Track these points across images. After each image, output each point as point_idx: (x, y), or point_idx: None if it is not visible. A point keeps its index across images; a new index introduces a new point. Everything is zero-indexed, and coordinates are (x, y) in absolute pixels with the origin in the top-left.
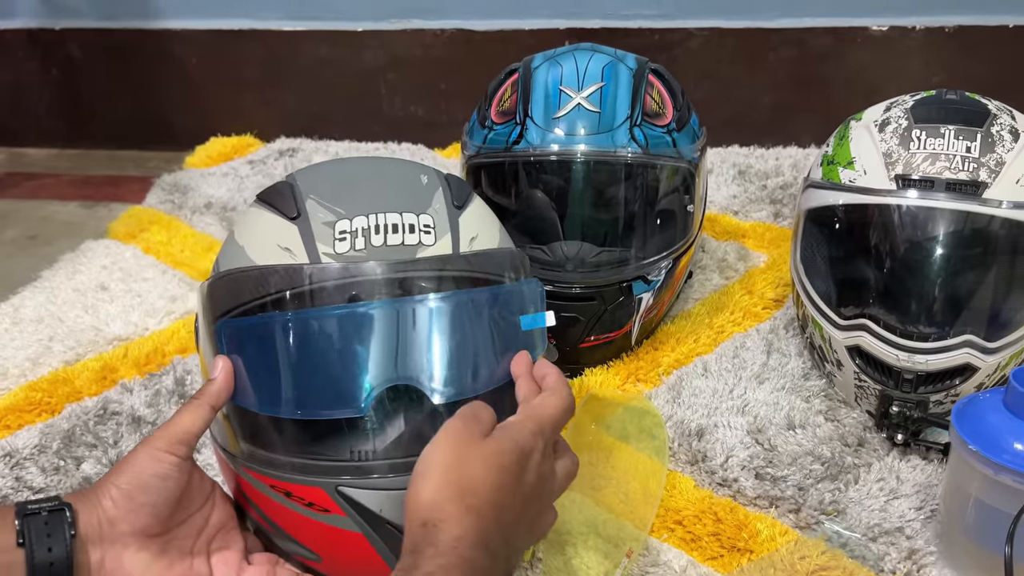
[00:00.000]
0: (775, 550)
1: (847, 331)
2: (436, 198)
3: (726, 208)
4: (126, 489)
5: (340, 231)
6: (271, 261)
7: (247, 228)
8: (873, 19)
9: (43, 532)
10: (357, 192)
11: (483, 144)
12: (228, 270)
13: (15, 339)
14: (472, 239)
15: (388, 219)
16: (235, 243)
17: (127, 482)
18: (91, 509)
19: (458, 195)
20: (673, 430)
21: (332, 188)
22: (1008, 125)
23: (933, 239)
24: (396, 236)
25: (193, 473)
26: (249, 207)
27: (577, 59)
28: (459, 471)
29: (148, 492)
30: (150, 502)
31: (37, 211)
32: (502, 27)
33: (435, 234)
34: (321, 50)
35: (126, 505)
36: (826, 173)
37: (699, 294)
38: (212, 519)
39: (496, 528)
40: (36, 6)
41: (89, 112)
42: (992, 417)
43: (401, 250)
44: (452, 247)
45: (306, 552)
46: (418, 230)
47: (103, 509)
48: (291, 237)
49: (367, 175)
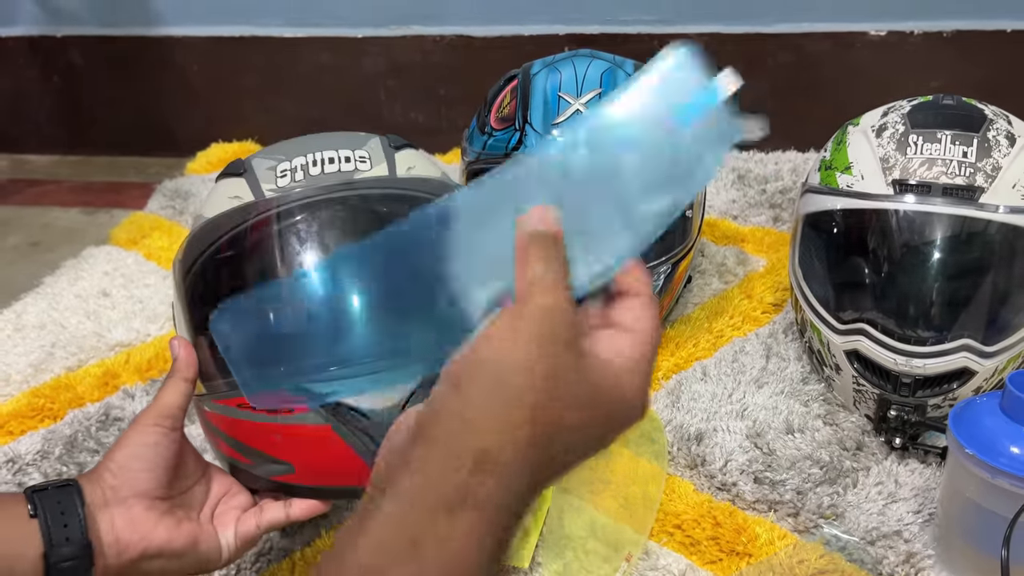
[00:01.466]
0: (774, 554)
1: (845, 335)
2: (372, 141)
3: (725, 212)
4: (121, 460)
5: (281, 170)
6: (223, 208)
7: (206, 201)
8: (872, 24)
9: (56, 509)
10: (298, 144)
11: (483, 150)
12: (194, 230)
13: (17, 345)
14: (409, 168)
15: (325, 155)
16: (199, 216)
17: (121, 454)
18: (94, 483)
19: (395, 141)
20: (672, 434)
21: (275, 147)
22: (1004, 130)
23: (930, 244)
24: (333, 166)
25: (184, 445)
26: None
27: (576, 65)
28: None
29: (141, 459)
30: (146, 467)
31: (39, 218)
32: (502, 33)
33: (371, 163)
34: (321, 56)
35: (124, 473)
36: (824, 178)
37: (698, 298)
38: (213, 490)
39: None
40: (37, 13)
41: (90, 119)
42: (989, 421)
43: (338, 176)
44: (389, 172)
45: (279, 467)
46: (354, 160)
47: (104, 480)
48: (240, 188)
49: (310, 136)
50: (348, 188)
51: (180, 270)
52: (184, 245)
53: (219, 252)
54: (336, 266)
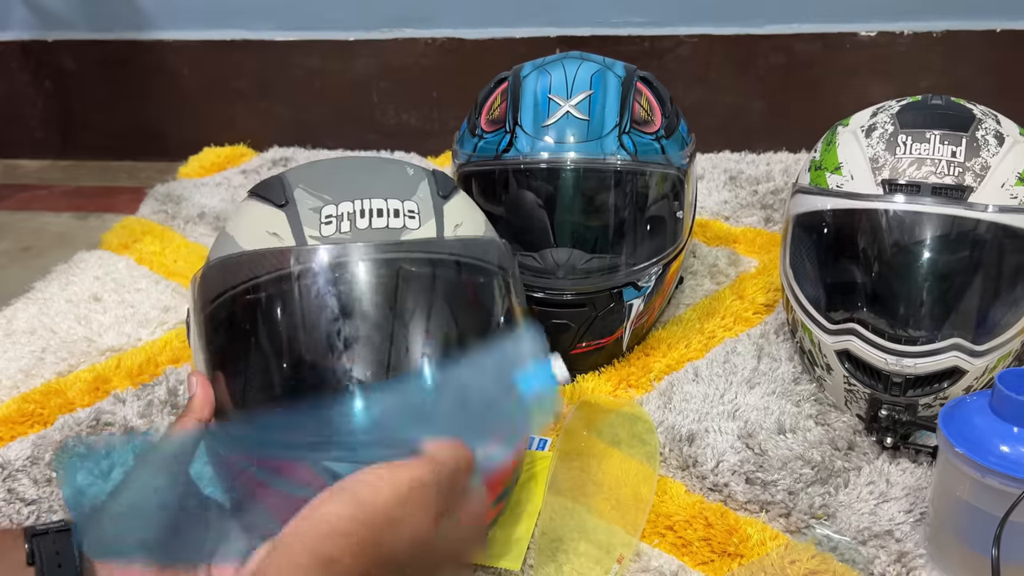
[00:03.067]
0: (765, 554)
1: (836, 335)
2: (421, 187)
3: (717, 213)
4: None
5: (326, 215)
6: (260, 246)
7: (238, 219)
8: (862, 24)
9: (54, 559)
10: (344, 181)
11: (473, 152)
12: (219, 257)
13: (7, 351)
14: (456, 226)
15: (373, 204)
16: (226, 234)
17: None
18: None
19: (443, 186)
20: (664, 435)
21: (320, 178)
22: (993, 130)
23: (920, 243)
24: (381, 220)
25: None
26: (241, 201)
27: (566, 67)
28: (390, 537)
29: None
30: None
31: (30, 222)
32: (493, 35)
33: (419, 219)
34: (313, 60)
35: None
36: (814, 178)
37: (690, 299)
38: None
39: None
40: (29, 18)
41: (82, 123)
42: (979, 420)
43: (386, 232)
44: (437, 232)
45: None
46: (403, 215)
47: None
48: (279, 223)
49: (355, 168)
50: (395, 249)
51: (202, 296)
52: (209, 269)
53: (249, 293)
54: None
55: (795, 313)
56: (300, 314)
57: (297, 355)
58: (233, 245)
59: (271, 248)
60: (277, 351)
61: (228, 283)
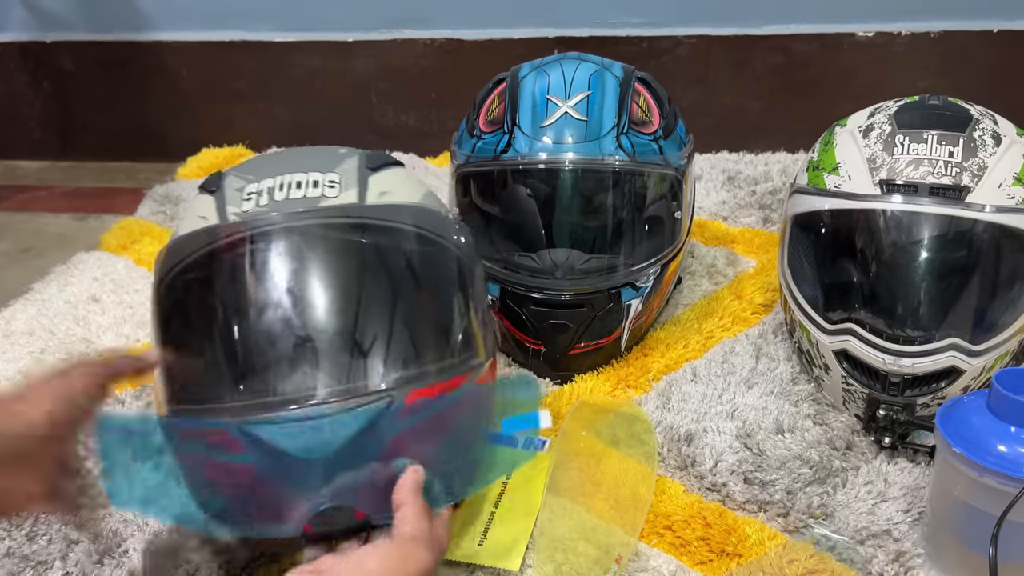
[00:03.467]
0: (764, 554)
1: (834, 335)
2: (348, 162)
3: (715, 214)
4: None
5: (248, 193)
6: (190, 228)
7: (183, 215)
8: (859, 25)
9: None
10: (272, 163)
11: (472, 153)
12: (167, 246)
13: (6, 352)
14: (383, 193)
15: (294, 178)
16: (175, 230)
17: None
18: None
19: (374, 161)
20: (662, 435)
21: (252, 165)
22: (990, 130)
23: (917, 243)
24: (299, 191)
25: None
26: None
27: (564, 68)
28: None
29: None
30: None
31: (29, 223)
32: (492, 36)
33: (340, 188)
34: (312, 60)
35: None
36: (812, 179)
37: (688, 299)
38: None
39: None
40: (27, 19)
41: (81, 124)
42: (976, 419)
43: (303, 202)
44: (358, 198)
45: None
46: (322, 185)
47: None
48: (208, 207)
49: (289, 153)
50: (310, 216)
51: (153, 284)
52: (157, 259)
53: (182, 274)
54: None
55: (793, 313)
56: (217, 291)
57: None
58: (175, 236)
59: (197, 230)
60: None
61: (165, 266)
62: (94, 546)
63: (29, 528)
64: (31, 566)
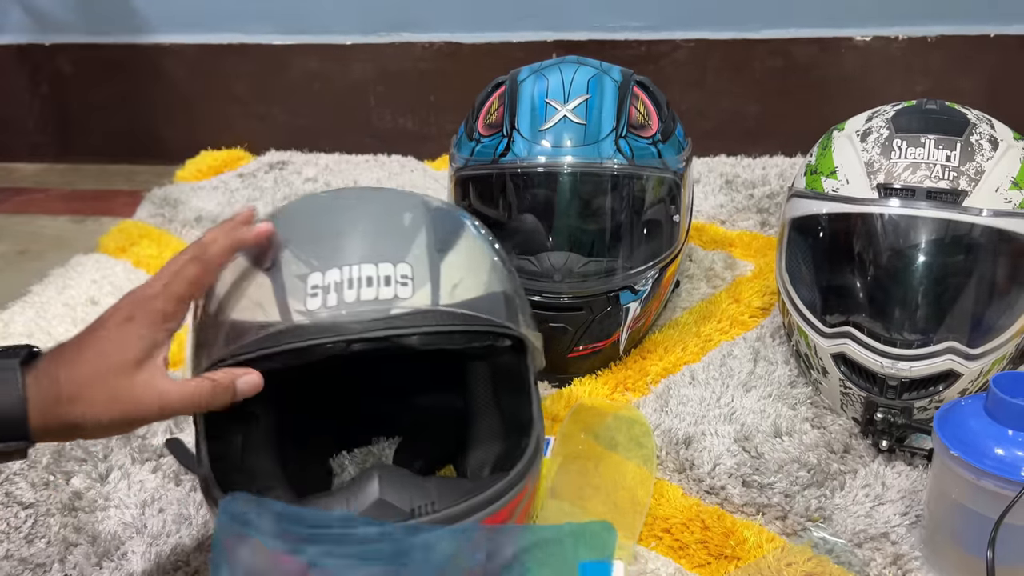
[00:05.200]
0: (762, 557)
1: (832, 339)
2: (417, 243)
3: (713, 217)
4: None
5: (312, 286)
6: (244, 317)
7: (225, 276)
8: (857, 29)
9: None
10: (333, 237)
11: (471, 156)
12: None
13: None
14: (454, 286)
15: (363, 271)
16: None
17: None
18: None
19: (442, 234)
20: (661, 438)
21: (309, 233)
22: (987, 134)
23: (915, 247)
24: (370, 290)
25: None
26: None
27: (563, 72)
28: None
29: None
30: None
31: (27, 226)
32: (490, 39)
33: (413, 285)
34: (310, 63)
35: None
36: (809, 183)
37: (686, 303)
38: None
39: None
40: (26, 21)
41: (79, 127)
42: (973, 423)
43: (375, 305)
44: (431, 298)
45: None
46: (394, 282)
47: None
48: (263, 292)
49: (347, 218)
50: (384, 326)
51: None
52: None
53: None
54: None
55: (791, 317)
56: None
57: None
58: (219, 305)
59: (256, 324)
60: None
61: (215, 353)
62: (92, 548)
63: (28, 531)
64: (30, 568)
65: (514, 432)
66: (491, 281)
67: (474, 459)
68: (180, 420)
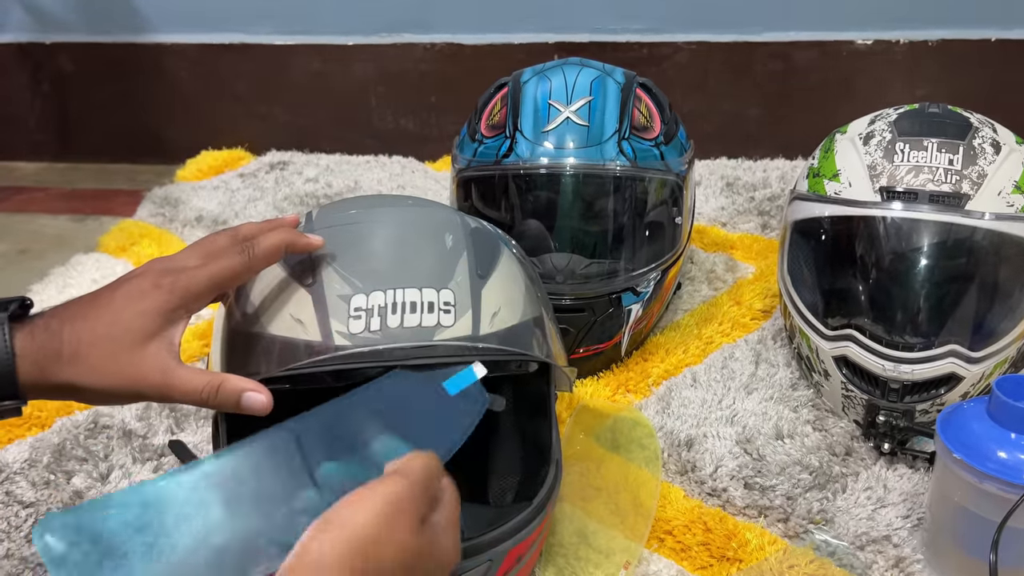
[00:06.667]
0: (764, 559)
1: (834, 341)
2: (459, 269)
3: (714, 220)
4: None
5: (355, 308)
6: (284, 333)
7: (261, 286)
8: (858, 33)
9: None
10: (377, 259)
11: (473, 157)
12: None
13: None
14: (494, 315)
15: (407, 296)
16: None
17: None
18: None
19: (481, 258)
20: (663, 440)
21: (351, 251)
22: (990, 138)
23: (917, 250)
24: (414, 316)
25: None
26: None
27: (566, 73)
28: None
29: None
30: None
31: (27, 225)
32: (492, 41)
33: (455, 313)
34: (312, 64)
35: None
36: (812, 185)
37: (688, 305)
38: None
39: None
40: (26, 20)
41: (79, 126)
42: (976, 426)
43: (417, 332)
44: (472, 328)
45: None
46: (437, 309)
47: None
48: (305, 310)
49: (390, 237)
50: (426, 354)
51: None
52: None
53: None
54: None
55: (793, 319)
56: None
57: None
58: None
59: (295, 343)
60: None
61: (250, 367)
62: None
63: (28, 530)
64: (30, 568)
65: (534, 456)
66: (525, 308)
67: (496, 485)
68: (181, 420)
